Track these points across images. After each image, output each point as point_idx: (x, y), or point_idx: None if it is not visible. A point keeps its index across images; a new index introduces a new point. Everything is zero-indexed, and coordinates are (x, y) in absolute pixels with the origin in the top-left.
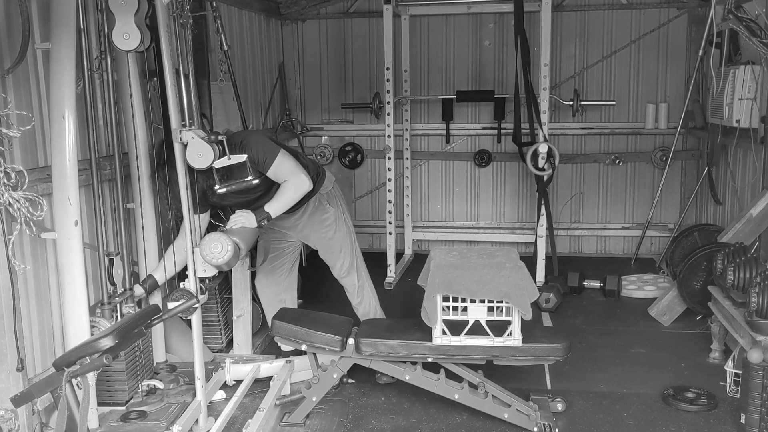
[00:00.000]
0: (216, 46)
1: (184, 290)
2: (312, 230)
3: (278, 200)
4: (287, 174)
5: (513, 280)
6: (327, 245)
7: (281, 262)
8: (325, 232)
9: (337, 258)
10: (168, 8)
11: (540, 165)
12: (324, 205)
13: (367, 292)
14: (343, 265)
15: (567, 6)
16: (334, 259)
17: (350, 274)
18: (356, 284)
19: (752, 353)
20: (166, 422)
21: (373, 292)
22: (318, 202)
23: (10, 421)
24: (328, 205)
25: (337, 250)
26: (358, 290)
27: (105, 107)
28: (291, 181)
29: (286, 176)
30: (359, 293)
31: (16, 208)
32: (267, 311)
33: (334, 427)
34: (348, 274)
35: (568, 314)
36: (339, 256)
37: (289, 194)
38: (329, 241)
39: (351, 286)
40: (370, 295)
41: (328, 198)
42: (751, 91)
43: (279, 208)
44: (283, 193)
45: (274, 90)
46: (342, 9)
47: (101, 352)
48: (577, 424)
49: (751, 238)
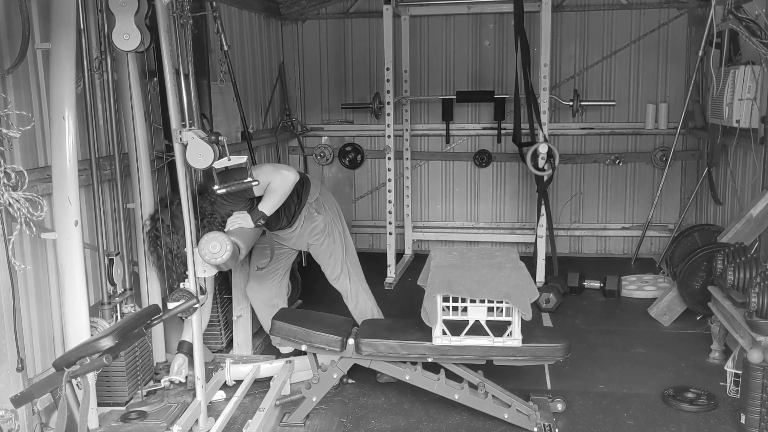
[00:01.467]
0: (216, 46)
1: (184, 290)
2: (302, 239)
3: (270, 198)
4: (269, 174)
5: (513, 280)
6: (317, 252)
7: (275, 267)
8: (315, 239)
9: (327, 264)
10: (168, 8)
11: (540, 165)
12: (312, 213)
13: (362, 297)
14: (333, 271)
15: (567, 6)
16: (324, 265)
17: (341, 280)
18: (349, 289)
19: (752, 353)
20: (166, 422)
21: (368, 296)
22: (307, 211)
23: (10, 421)
24: (316, 213)
25: (327, 257)
26: (351, 296)
27: (105, 107)
28: (275, 179)
29: (269, 177)
30: (353, 298)
31: (16, 208)
32: (260, 316)
33: (334, 427)
34: (339, 280)
35: (568, 314)
36: (329, 263)
37: (279, 191)
38: (319, 248)
39: (344, 292)
40: (365, 300)
41: (316, 206)
42: (751, 91)
43: (272, 205)
44: (273, 190)
45: (274, 90)
46: (342, 9)
47: (101, 352)
48: (577, 424)
49: (751, 238)
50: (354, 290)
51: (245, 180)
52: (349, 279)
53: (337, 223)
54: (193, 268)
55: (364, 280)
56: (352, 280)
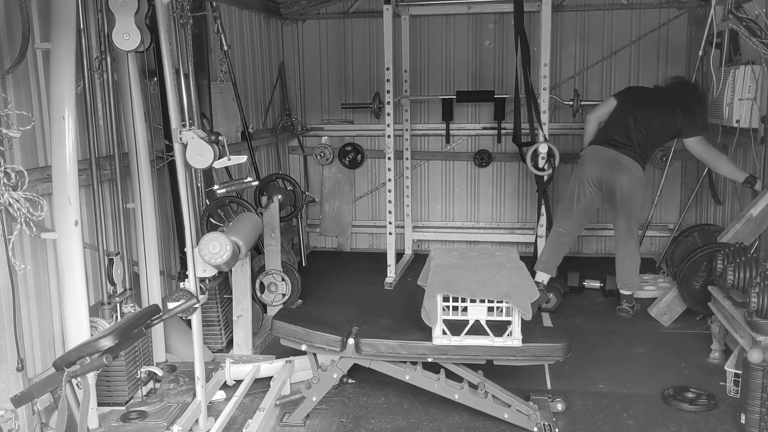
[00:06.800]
0: (216, 46)
1: (184, 290)
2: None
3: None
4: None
5: (513, 280)
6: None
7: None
8: None
9: None
10: (168, 8)
11: (540, 165)
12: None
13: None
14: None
15: (567, 6)
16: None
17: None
18: None
19: (752, 353)
20: (166, 422)
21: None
22: None
23: (10, 421)
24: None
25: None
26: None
27: (105, 107)
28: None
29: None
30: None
31: (16, 208)
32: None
33: (334, 427)
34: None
35: (568, 314)
36: None
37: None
38: None
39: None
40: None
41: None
42: (751, 91)
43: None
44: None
45: (274, 90)
46: (342, 9)
47: (101, 352)
48: (577, 424)
49: (751, 238)
50: None
51: (245, 180)
52: None
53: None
54: (193, 268)
55: None
56: None
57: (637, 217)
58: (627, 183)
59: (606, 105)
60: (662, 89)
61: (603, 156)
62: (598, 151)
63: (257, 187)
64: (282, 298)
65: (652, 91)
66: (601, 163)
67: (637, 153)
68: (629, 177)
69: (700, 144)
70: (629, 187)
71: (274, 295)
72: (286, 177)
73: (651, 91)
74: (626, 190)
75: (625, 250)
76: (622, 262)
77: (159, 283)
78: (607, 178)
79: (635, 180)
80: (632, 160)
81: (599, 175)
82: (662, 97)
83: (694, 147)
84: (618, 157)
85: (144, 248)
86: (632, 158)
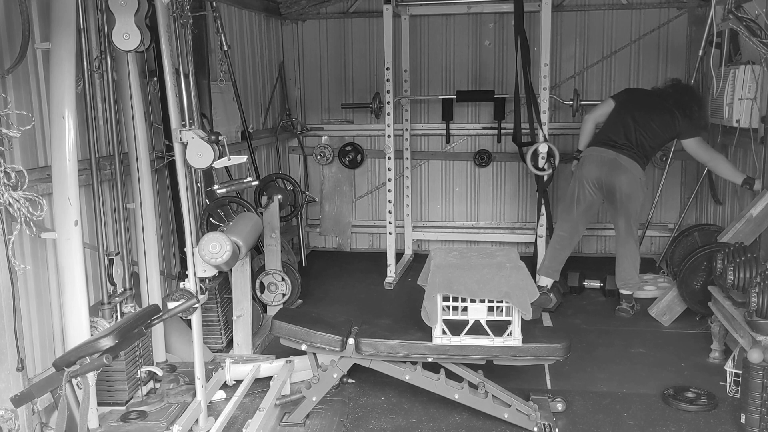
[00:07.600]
0: (216, 46)
1: (184, 290)
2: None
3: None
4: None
5: (513, 280)
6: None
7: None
8: None
9: None
10: (168, 8)
11: (540, 165)
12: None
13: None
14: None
15: (567, 6)
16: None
17: None
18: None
19: (752, 353)
20: (166, 422)
21: None
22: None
23: (10, 421)
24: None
25: None
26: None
27: (105, 107)
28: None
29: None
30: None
31: (16, 208)
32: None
33: (334, 427)
34: None
35: (568, 314)
36: None
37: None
38: None
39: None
40: None
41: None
42: (751, 91)
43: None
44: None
45: (274, 90)
46: (342, 9)
47: (101, 352)
48: (577, 424)
49: (751, 238)
50: None
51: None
52: None
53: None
54: (193, 268)
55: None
56: None
57: (637, 217)
58: (626, 183)
59: (604, 106)
60: (661, 91)
61: (602, 157)
62: (597, 152)
63: (257, 187)
64: (282, 298)
65: (651, 93)
66: (601, 163)
67: (636, 154)
68: (629, 177)
69: (698, 145)
70: (629, 188)
71: (274, 295)
72: (286, 177)
73: (649, 93)
74: (626, 190)
75: (625, 249)
76: (622, 261)
77: (159, 283)
78: (606, 178)
79: (635, 180)
80: (632, 160)
81: (599, 175)
82: (661, 99)
83: (693, 148)
84: (617, 157)
85: (144, 248)
86: (632, 159)
